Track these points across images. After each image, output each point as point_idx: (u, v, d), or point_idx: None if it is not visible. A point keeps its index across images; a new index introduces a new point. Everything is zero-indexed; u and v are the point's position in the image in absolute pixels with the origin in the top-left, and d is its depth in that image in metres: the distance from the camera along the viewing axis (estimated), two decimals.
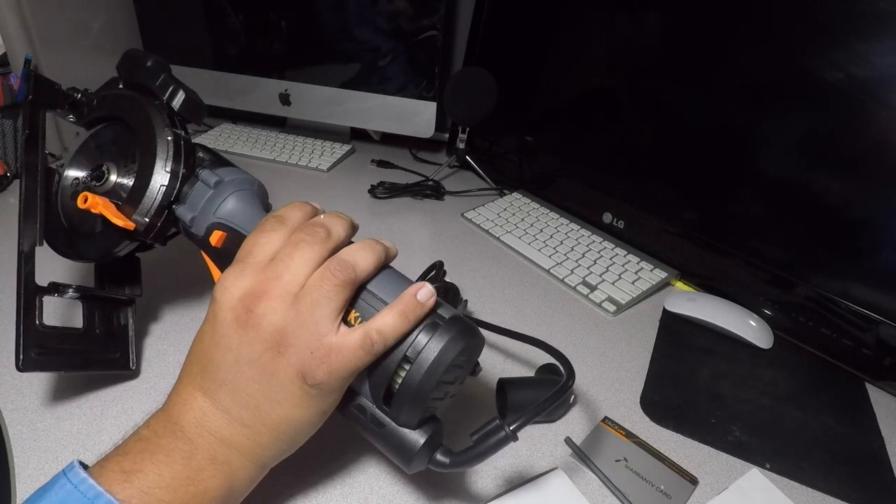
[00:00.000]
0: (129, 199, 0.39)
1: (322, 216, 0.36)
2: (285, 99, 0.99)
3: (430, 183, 0.88)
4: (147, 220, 0.38)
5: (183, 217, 0.39)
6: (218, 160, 0.42)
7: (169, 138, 0.39)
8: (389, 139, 1.03)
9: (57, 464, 0.41)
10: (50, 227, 0.43)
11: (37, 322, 0.40)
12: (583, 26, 0.77)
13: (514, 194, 0.87)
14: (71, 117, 0.45)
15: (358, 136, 1.05)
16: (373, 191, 0.85)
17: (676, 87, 0.67)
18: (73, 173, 0.44)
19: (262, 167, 0.93)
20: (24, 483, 0.39)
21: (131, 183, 0.40)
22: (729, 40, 0.61)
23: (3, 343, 0.51)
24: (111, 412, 0.45)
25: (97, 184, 0.41)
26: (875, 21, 0.51)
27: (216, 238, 0.38)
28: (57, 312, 0.50)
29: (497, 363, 0.54)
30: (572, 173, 0.83)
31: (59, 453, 0.42)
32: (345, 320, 0.32)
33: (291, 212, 0.35)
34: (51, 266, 0.45)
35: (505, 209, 0.82)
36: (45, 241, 0.42)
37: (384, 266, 0.35)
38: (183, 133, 0.41)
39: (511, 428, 0.32)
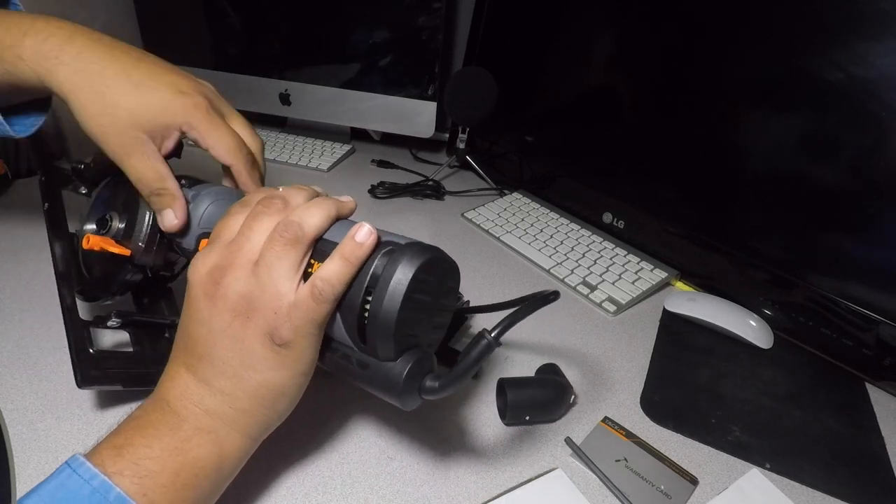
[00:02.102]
0: (125, 233, 0.43)
1: (280, 188, 0.36)
2: (285, 99, 0.99)
3: (431, 183, 0.88)
4: (142, 245, 0.42)
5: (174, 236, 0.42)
6: (196, 181, 0.45)
7: None
8: (389, 139, 1.03)
9: (57, 464, 0.40)
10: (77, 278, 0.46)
11: (91, 351, 0.42)
12: (583, 26, 0.77)
13: (514, 194, 0.87)
14: (83, 189, 0.49)
15: (358, 136, 1.05)
16: (373, 191, 0.85)
17: (676, 87, 0.67)
18: (88, 228, 0.48)
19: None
20: (25, 483, 0.39)
21: (123, 223, 0.44)
22: (729, 40, 0.61)
23: (2, 343, 0.51)
24: (111, 412, 0.45)
25: (103, 231, 0.44)
26: (875, 21, 0.51)
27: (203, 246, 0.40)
28: (115, 336, 0.51)
29: (497, 363, 0.54)
30: (572, 173, 0.83)
31: (59, 453, 0.42)
32: (308, 274, 0.33)
33: (255, 195, 0.36)
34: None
35: (505, 209, 0.82)
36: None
37: (340, 219, 0.35)
38: None
39: (493, 335, 0.33)
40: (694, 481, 0.44)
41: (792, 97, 0.57)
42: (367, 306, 0.33)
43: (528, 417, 0.47)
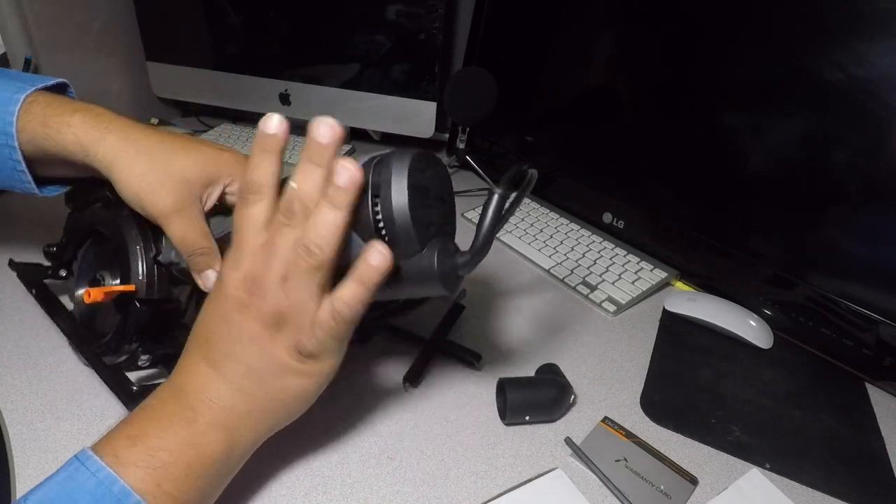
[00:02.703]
0: (122, 278, 0.43)
1: (293, 185, 0.34)
2: (285, 99, 0.99)
3: None
4: (144, 279, 0.42)
5: (169, 258, 0.42)
6: None
7: (125, 212, 0.42)
8: (389, 139, 1.03)
9: (57, 464, 0.40)
10: (90, 345, 0.47)
11: (134, 388, 0.44)
12: (583, 26, 0.77)
13: (515, 194, 0.87)
14: (62, 272, 0.51)
15: (358, 136, 1.05)
16: None
17: (676, 87, 0.67)
18: (78, 293, 0.49)
19: None
20: (24, 483, 0.39)
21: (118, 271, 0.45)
22: (729, 40, 0.61)
23: (2, 343, 0.51)
24: (111, 412, 0.45)
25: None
26: (875, 21, 0.51)
27: None
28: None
29: (497, 363, 0.54)
30: (572, 173, 0.83)
31: (59, 453, 0.42)
32: None
33: (260, 175, 0.34)
34: None
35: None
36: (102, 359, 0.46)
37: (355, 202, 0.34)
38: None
39: (500, 190, 0.35)
40: (694, 481, 0.44)
41: (792, 97, 0.57)
42: (378, 214, 0.34)
43: (527, 417, 0.47)
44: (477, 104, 0.82)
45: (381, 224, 0.34)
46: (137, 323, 0.41)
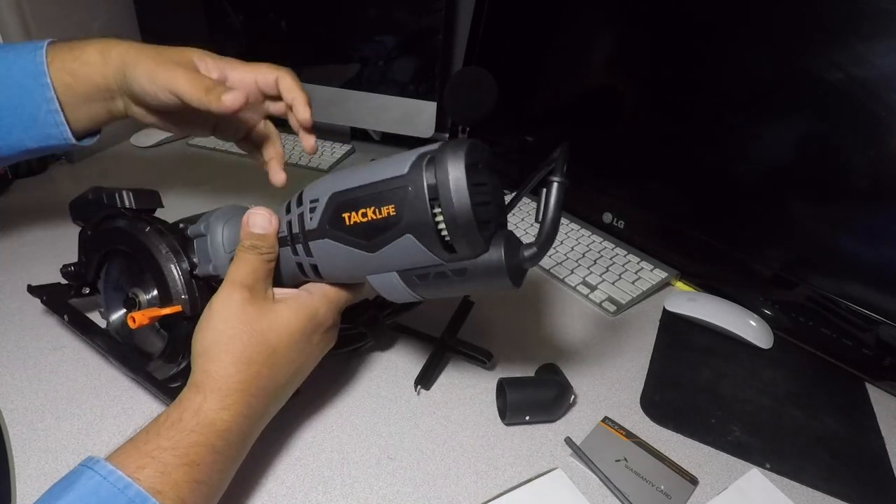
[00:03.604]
0: (162, 297, 0.43)
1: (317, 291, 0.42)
2: None
3: None
4: (186, 297, 0.42)
5: (207, 271, 0.42)
6: (194, 217, 0.46)
7: (147, 229, 0.43)
8: (389, 139, 1.03)
9: (57, 464, 0.41)
10: (133, 365, 0.46)
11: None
12: (583, 26, 0.77)
13: (514, 194, 0.87)
14: (85, 290, 0.52)
15: (358, 136, 1.05)
16: None
17: (676, 87, 0.67)
18: (115, 317, 0.49)
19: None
20: (24, 483, 0.39)
21: (148, 286, 0.46)
22: (729, 40, 0.61)
23: (2, 343, 0.51)
24: (111, 412, 0.45)
25: (136, 310, 0.45)
26: (875, 21, 0.51)
27: None
28: None
29: (497, 363, 0.54)
30: (572, 173, 0.83)
31: (59, 453, 0.42)
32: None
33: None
34: None
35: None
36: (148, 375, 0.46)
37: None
38: (152, 221, 0.45)
39: (558, 176, 0.36)
40: (694, 481, 0.44)
41: (792, 97, 0.57)
42: (438, 217, 0.33)
43: (528, 417, 0.47)
44: (477, 104, 0.82)
45: (443, 228, 0.33)
46: (187, 338, 0.40)
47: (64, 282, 0.52)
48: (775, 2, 0.57)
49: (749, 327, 0.60)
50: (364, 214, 0.34)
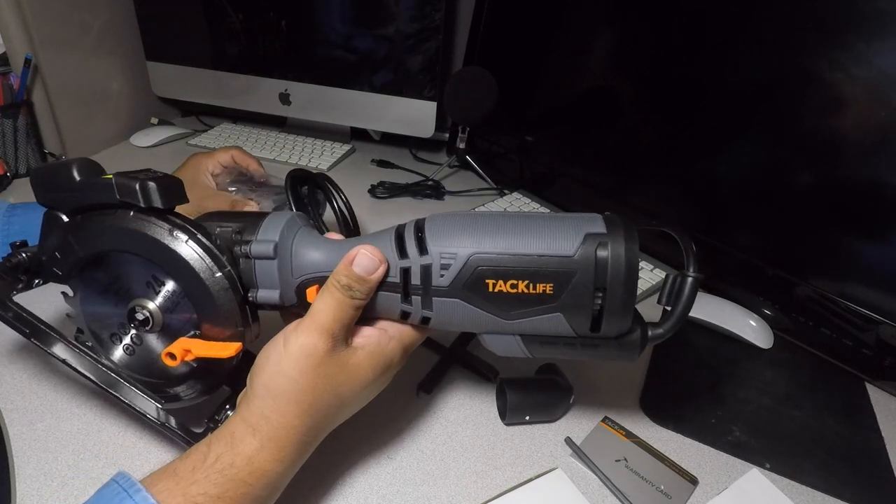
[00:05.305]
0: (210, 323, 0.35)
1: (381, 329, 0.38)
2: (285, 99, 0.99)
3: (431, 183, 0.88)
4: (241, 328, 0.36)
5: (270, 300, 0.36)
6: (231, 217, 0.37)
7: (187, 240, 0.34)
8: (389, 139, 1.03)
9: (57, 464, 0.41)
10: (159, 394, 0.39)
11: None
12: (583, 26, 0.77)
13: (515, 194, 0.87)
14: (37, 280, 0.39)
15: (358, 135, 1.05)
16: (373, 190, 0.85)
17: (676, 87, 0.67)
18: (119, 354, 0.40)
19: (263, 167, 0.93)
20: (24, 483, 0.39)
21: (167, 302, 0.36)
22: (729, 40, 0.61)
23: (2, 343, 0.51)
24: (111, 412, 0.45)
25: (146, 329, 0.37)
26: (875, 21, 0.51)
27: (313, 293, 0.36)
28: None
29: (497, 363, 0.54)
30: (572, 173, 0.83)
31: (59, 453, 0.42)
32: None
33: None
34: None
35: (505, 209, 0.82)
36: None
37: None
38: (187, 227, 0.35)
39: (695, 274, 0.36)
40: (694, 481, 0.44)
41: (792, 97, 0.57)
42: (599, 305, 0.33)
43: (528, 417, 0.47)
44: (477, 104, 0.82)
45: (602, 311, 0.33)
46: (233, 370, 0.36)
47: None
48: (775, 2, 0.57)
49: (749, 327, 0.60)
50: (514, 286, 0.33)
